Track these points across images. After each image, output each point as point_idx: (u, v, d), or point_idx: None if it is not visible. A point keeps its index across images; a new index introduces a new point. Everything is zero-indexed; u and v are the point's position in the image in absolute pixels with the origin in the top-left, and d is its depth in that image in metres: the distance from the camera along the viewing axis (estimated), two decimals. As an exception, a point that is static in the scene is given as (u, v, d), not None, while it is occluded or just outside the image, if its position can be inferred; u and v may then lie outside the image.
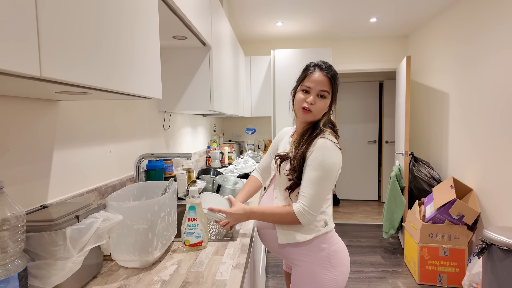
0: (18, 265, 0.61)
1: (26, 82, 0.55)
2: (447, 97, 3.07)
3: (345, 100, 5.04)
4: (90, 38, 0.60)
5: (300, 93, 1.12)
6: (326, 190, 1.06)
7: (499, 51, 2.31)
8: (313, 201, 1.03)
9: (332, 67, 1.13)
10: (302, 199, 1.05)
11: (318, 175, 1.03)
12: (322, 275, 1.09)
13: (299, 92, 1.13)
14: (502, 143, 2.28)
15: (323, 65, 1.11)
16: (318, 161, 1.04)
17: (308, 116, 1.11)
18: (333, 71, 1.12)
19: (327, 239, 1.11)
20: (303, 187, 1.06)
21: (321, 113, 1.13)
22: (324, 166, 1.04)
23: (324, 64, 1.12)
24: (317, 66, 1.12)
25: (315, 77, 1.09)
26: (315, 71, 1.10)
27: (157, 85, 0.96)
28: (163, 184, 1.18)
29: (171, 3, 1.08)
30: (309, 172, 1.05)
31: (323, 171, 1.04)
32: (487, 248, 1.81)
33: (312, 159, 1.05)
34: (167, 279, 0.85)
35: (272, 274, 2.72)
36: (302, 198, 1.05)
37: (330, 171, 1.05)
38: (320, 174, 1.04)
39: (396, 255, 3.08)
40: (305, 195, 1.04)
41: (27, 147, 0.88)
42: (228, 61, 2.36)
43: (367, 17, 3.32)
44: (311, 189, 1.04)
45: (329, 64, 1.13)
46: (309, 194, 1.04)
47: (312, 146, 1.07)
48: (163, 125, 1.91)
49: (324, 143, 1.06)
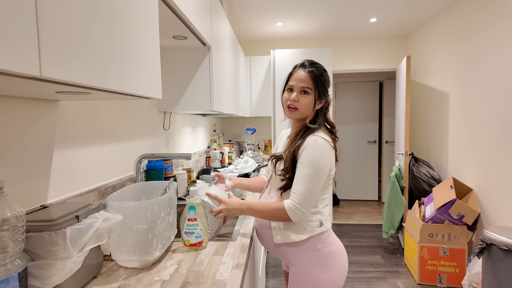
0: (18, 265, 0.61)
1: (26, 82, 0.55)
2: (447, 97, 3.07)
3: (345, 100, 5.04)
4: (90, 38, 0.60)
5: (286, 93, 1.16)
6: (317, 188, 1.05)
7: (499, 51, 2.31)
8: (304, 198, 1.03)
9: (317, 65, 1.13)
10: (293, 195, 1.05)
11: (309, 172, 1.03)
12: (318, 275, 1.09)
13: (285, 92, 1.16)
14: (502, 143, 2.28)
15: (306, 63, 1.14)
16: (309, 158, 1.04)
17: (295, 114, 1.13)
18: (317, 68, 1.12)
19: (323, 239, 1.11)
20: (294, 184, 1.06)
21: (307, 109, 1.12)
22: (314, 163, 1.03)
23: (308, 62, 1.14)
24: (300, 65, 1.15)
25: (297, 75, 1.12)
26: (298, 70, 1.13)
27: (157, 85, 0.96)
28: (163, 184, 1.18)
29: (171, 3, 1.08)
30: (300, 169, 1.05)
31: (314, 168, 1.03)
32: (487, 248, 1.81)
33: (303, 157, 1.05)
34: (167, 279, 0.85)
35: (272, 274, 2.72)
36: (293, 195, 1.05)
37: (321, 168, 1.04)
38: (311, 171, 1.03)
39: (396, 255, 3.08)
40: (295, 191, 1.04)
41: (27, 147, 0.88)
42: (228, 61, 2.36)
43: (367, 17, 3.31)
44: (302, 186, 1.03)
45: (313, 62, 1.14)
46: (300, 191, 1.03)
47: (304, 144, 1.07)
48: (163, 125, 1.91)
49: (315, 140, 1.05)
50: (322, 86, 1.12)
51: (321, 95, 1.12)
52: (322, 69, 1.14)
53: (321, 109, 1.16)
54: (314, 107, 1.13)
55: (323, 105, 1.15)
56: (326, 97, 1.15)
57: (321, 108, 1.16)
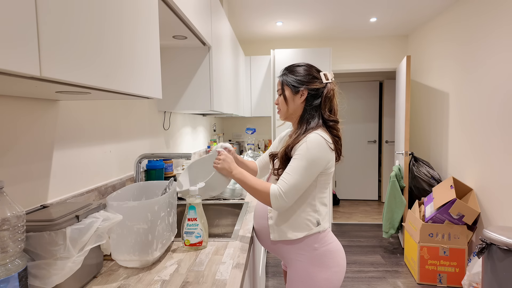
0: (18, 265, 0.61)
1: (26, 82, 0.55)
2: (447, 97, 3.07)
3: (345, 100, 5.04)
4: (89, 38, 0.60)
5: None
6: (305, 182, 1.04)
7: (499, 51, 2.31)
8: (290, 188, 1.02)
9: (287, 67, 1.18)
10: (281, 183, 1.04)
11: (300, 164, 1.03)
12: (316, 275, 1.09)
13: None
14: (502, 142, 2.28)
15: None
16: (303, 151, 1.04)
17: (280, 114, 1.22)
18: (289, 68, 1.18)
19: (320, 239, 1.12)
20: (285, 173, 1.05)
21: (284, 106, 1.17)
22: (308, 157, 1.03)
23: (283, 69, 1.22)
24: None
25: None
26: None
27: (157, 84, 0.96)
28: (163, 184, 1.18)
29: (171, 3, 1.08)
30: (293, 161, 1.05)
31: (306, 162, 1.03)
32: (487, 247, 1.81)
33: (298, 150, 1.05)
34: (167, 279, 0.85)
35: (272, 274, 2.73)
36: (281, 183, 1.04)
37: (314, 162, 1.03)
38: (303, 164, 1.03)
39: (396, 254, 3.08)
40: (284, 180, 1.04)
41: (27, 147, 0.88)
42: (228, 61, 2.36)
43: (367, 17, 3.31)
44: (291, 176, 1.03)
45: (288, 66, 1.19)
46: (288, 181, 1.03)
47: (301, 141, 1.07)
48: (163, 125, 1.91)
49: (312, 137, 1.05)
50: (290, 79, 1.14)
51: (292, 88, 1.14)
52: (295, 65, 1.18)
53: (308, 100, 1.13)
54: (293, 102, 1.14)
55: (307, 96, 1.13)
56: (302, 86, 1.12)
57: (308, 99, 1.13)
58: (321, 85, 1.13)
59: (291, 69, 1.17)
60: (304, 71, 1.14)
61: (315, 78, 1.13)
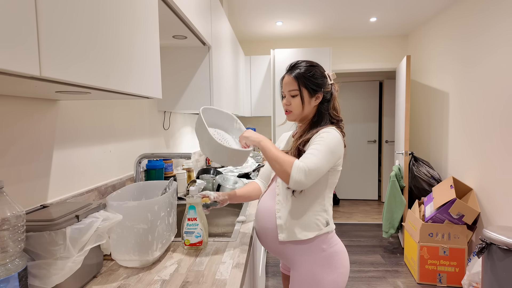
0: (18, 265, 0.61)
1: (26, 82, 0.55)
2: (447, 97, 3.07)
3: (345, 99, 5.04)
4: (89, 38, 0.60)
5: (283, 100, 1.19)
6: (326, 167, 1.01)
7: (499, 51, 2.31)
8: (315, 167, 0.97)
9: (298, 64, 1.14)
10: (305, 160, 0.98)
11: (323, 149, 1.00)
12: (322, 277, 1.08)
13: (283, 100, 1.20)
14: (502, 142, 2.28)
15: (288, 67, 1.16)
16: (323, 139, 1.02)
17: (290, 116, 1.17)
18: (300, 66, 1.13)
19: (328, 240, 1.11)
20: (308, 153, 1.01)
21: (300, 109, 1.13)
22: (329, 144, 1.01)
23: (291, 64, 1.16)
24: (286, 70, 1.18)
25: (284, 81, 1.16)
26: (284, 76, 1.17)
27: (157, 84, 0.96)
28: (163, 184, 1.18)
29: (171, 3, 1.08)
30: (314, 145, 1.02)
31: (328, 148, 1.01)
32: (487, 247, 1.81)
33: (317, 139, 1.03)
34: (167, 278, 0.85)
35: (272, 274, 2.73)
36: (305, 160, 0.98)
37: (333, 151, 1.02)
38: (325, 149, 1.00)
39: (396, 254, 3.08)
40: (309, 158, 0.99)
41: (27, 147, 0.88)
42: (228, 60, 2.36)
43: (367, 16, 3.31)
44: (315, 157, 0.99)
45: (297, 62, 1.15)
46: (312, 160, 0.98)
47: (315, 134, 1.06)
48: (163, 124, 1.91)
49: (330, 130, 1.05)
50: (309, 82, 1.11)
51: (311, 91, 1.12)
52: (307, 65, 1.13)
53: (322, 103, 1.14)
54: (309, 104, 1.13)
55: (322, 99, 1.13)
56: (320, 90, 1.12)
57: (322, 102, 1.14)
58: (329, 86, 1.15)
59: (306, 70, 1.12)
60: (320, 73, 1.14)
61: (325, 79, 1.15)
